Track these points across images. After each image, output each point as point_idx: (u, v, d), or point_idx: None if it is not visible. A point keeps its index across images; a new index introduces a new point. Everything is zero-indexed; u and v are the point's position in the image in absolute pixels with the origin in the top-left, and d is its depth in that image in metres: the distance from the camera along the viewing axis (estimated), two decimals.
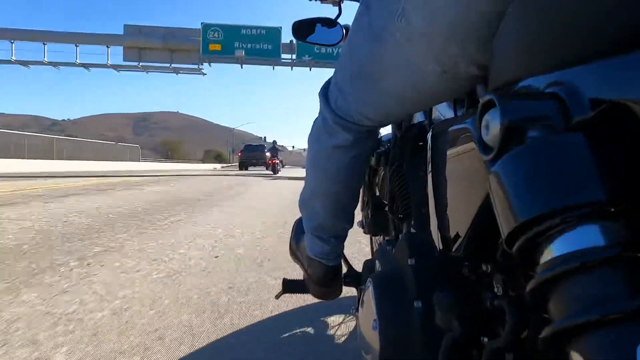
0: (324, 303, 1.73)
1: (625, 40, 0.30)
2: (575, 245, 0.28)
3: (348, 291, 1.29)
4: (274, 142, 23.85)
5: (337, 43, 1.36)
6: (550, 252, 0.30)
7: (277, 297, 1.27)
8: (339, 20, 1.37)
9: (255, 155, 28.84)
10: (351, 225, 0.98)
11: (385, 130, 1.22)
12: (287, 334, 1.56)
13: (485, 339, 0.51)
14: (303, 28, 1.36)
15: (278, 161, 21.44)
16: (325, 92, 0.84)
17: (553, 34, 0.37)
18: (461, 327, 0.51)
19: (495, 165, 0.34)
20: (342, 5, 1.40)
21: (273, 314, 1.71)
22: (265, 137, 58.85)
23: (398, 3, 0.56)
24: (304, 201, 0.97)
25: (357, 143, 0.82)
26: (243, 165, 28.63)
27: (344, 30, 1.34)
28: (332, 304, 1.75)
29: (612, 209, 0.28)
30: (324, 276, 1.02)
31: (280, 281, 1.22)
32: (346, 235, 1.00)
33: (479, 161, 0.42)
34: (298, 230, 1.17)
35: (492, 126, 0.35)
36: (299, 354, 1.40)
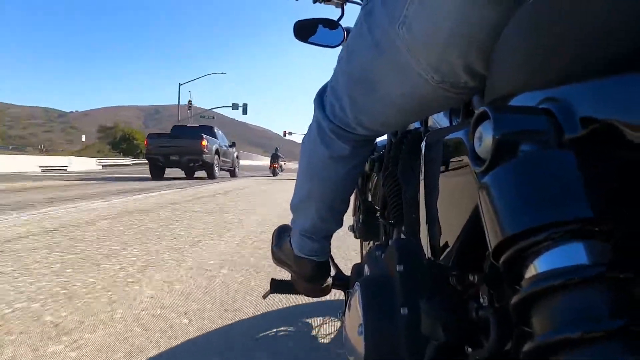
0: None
1: (621, 61, 0.31)
2: (560, 262, 0.28)
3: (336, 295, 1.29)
4: (276, 149, 23.00)
5: (339, 45, 1.36)
6: (535, 268, 0.30)
7: (265, 296, 1.27)
8: (341, 22, 1.37)
9: (180, 147, 12.92)
10: (340, 226, 0.99)
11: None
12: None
13: (469, 349, 0.51)
14: (305, 28, 1.36)
15: (278, 165, 20.76)
16: (320, 99, 0.84)
17: (550, 50, 0.37)
18: (446, 335, 0.51)
19: (485, 177, 0.34)
20: (344, 7, 1.41)
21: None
22: (243, 104, 39.42)
23: (400, 11, 0.56)
24: (296, 203, 0.98)
25: (353, 154, 0.81)
26: (156, 170, 13.21)
27: (346, 32, 1.34)
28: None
29: (599, 228, 0.28)
30: (314, 272, 1.04)
31: None
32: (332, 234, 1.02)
33: (471, 172, 0.42)
34: (279, 237, 1.18)
35: (485, 138, 0.35)
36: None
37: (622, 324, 0.25)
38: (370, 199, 1.35)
